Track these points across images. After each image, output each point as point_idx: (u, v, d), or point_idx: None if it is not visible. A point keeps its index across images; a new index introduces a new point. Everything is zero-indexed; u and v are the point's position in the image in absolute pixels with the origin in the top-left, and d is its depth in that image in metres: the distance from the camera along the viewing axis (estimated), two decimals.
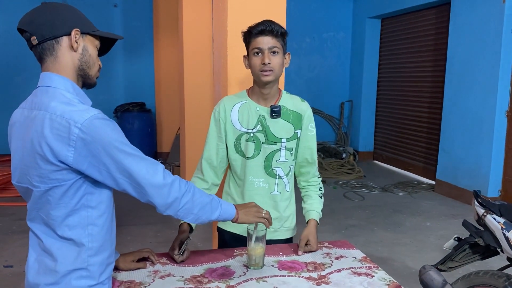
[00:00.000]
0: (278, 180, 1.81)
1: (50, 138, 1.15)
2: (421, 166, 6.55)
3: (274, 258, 1.67)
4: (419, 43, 6.51)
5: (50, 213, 1.21)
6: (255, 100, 1.77)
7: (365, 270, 1.59)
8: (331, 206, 5.08)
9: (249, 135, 1.76)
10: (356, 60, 7.84)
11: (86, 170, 1.18)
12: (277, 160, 1.79)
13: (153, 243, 3.86)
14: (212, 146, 1.81)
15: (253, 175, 1.79)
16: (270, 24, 1.66)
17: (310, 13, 7.64)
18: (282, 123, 1.77)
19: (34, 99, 1.25)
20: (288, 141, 1.78)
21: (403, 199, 5.48)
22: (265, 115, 1.75)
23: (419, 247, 3.94)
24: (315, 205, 1.86)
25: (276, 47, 1.67)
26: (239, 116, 1.76)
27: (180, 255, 1.61)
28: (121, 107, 6.91)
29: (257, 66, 1.68)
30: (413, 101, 6.68)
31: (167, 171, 1.27)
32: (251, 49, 1.69)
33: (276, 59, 1.67)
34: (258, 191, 1.80)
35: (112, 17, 7.04)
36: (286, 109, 1.78)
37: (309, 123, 1.82)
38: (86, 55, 1.28)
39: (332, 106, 8.10)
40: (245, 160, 1.78)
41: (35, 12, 1.24)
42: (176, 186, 1.26)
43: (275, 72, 1.68)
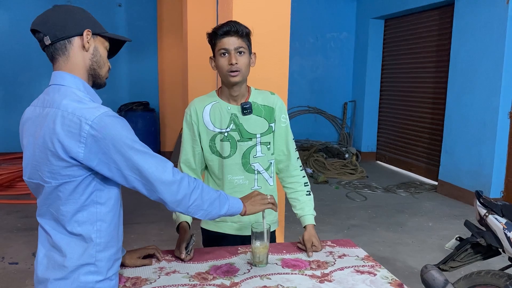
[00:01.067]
0: (258, 175, 1.82)
1: (61, 134, 1.18)
2: (423, 166, 6.56)
3: (278, 256, 1.70)
4: (422, 44, 6.51)
5: (60, 208, 1.24)
6: (225, 100, 1.78)
7: (367, 268, 1.61)
8: (334, 206, 5.09)
9: (223, 135, 1.76)
10: (359, 60, 7.85)
11: (96, 166, 1.21)
12: (254, 156, 1.79)
13: (157, 241, 3.88)
14: (188, 150, 1.81)
15: (232, 174, 1.79)
16: (235, 24, 1.68)
17: (313, 13, 7.66)
18: (255, 119, 1.78)
19: (46, 97, 1.28)
20: (263, 135, 1.79)
21: (406, 199, 5.49)
22: (237, 113, 1.76)
23: (421, 247, 3.96)
24: (307, 209, 1.84)
25: (242, 47, 1.68)
26: (211, 116, 1.77)
27: (188, 254, 1.63)
28: (125, 106, 6.95)
29: (224, 67, 1.69)
30: (416, 102, 6.69)
31: (176, 169, 1.30)
32: (217, 50, 1.70)
33: (242, 59, 1.68)
34: (238, 188, 1.79)
35: (116, 16, 7.08)
36: (257, 105, 1.79)
37: (281, 114, 1.82)
38: (97, 55, 1.31)
39: (335, 106, 8.12)
40: (222, 160, 1.79)
41: (48, 14, 1.28)
42: (185, 183, 1.29)
43: (242, 72, 1.69)
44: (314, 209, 1.87)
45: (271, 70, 2.45)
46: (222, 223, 1.85)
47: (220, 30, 1.68)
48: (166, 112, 7.36)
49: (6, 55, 6.67)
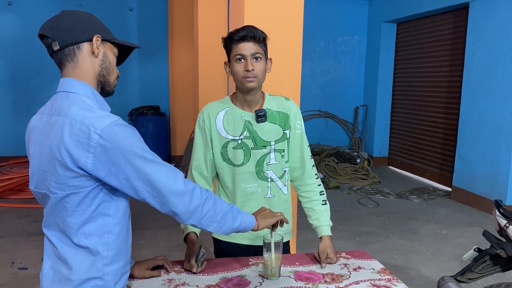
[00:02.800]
0: (271, 183, 1.77)
1: (69, 144, 1.14)
2: (437, 172, 6.46)
3: (290, 268, 1.64)
4: (435, 48, 6.42)
5: (67, 220, 1.20)
6: (239, 106, 1.73)
7: (384, 282, 1.55)
8: (345, 212, 5.02)
9: (236, 142, 1.72)
10: (371, 64, 7.77)
11: (105, 177, 1.17)
12: (267, 163, 1.75)
13: (166, 247, 3.85)
14: (200, 156, 1.77)
15: (245, 182, 1.74)
16: (252, 29, 1.63)
17: (325, 17, 7.60)
18: (270, 126, 1.73)
19: (53, 104, 1.24)
20: (277, 142, 1.75)
21: (419, 205, 5.40)
22: (251, 120, 1.72)
23: (435, 255, 3.87)
24: (323, 219, 1.78)
25: (258, 53, 1.64)
26: (224, 123, 1.72)
27: (199, 266, 1.59)
28: (136, 111, 6.94)
29: (240, 73, 1.64)
30: (429, 106, 6.59)
31: (187, 179, 1.26)
32: (233, 56, 1.65)
33: (259, 65, 1.64)
34: (251, 196, 1.75)
35: (127, 21, 7.09)
36: (272, 111, 1.74)
37: (296, 120, 1.78)
38: (106, 61, 1.29)
39: (346, 110, 8.04)
40: (234, 168, 1.74)
41: (56, 19, 1.25)
42: (197, 193, 1.25)
43: (258, 78, 1.65)
44: None
45: (284, 75, 2.40)
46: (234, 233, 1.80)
47: (236, 35, 1.64)
48: (176, 116, 7.35)
49: (18, 59, 6.71)
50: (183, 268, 1.62)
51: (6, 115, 6.76)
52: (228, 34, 1.67)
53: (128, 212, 1.31)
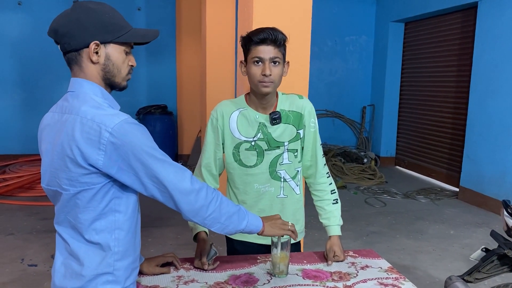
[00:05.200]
0: (284, 183, 1.76)
1: (80, 141, 1.17)
2: (444, 172, 6.43)
3: (298, 267, 1.66)
4: (443, 48, 6.39)
5: (78, 216, 1.23)
6: (253, 107, 1.71)
7: (391, 281, 1.56)
8: (352, 212, 5.02)
9: (249, 144, 1.70)
10: (379, 64, 7.75)
11: (116, 174, 1.19)
12: (280, 163, 1.73)
13: (174, 245, 3.87)
14: (210, 154, 1.75)
15: (258, 182, 1.74)
16: (273, 32, 1.58)
17: (332, 16, 7.59)
18: (283, 127, 1.71)
19: (64, 103, 1.27)
20: (291, 142, 1.73)
21: (426, 206, 5.38)
22: (265, 122, 1.69)
23: (442, 255, 3.86)
24: (333, 219, 1.79)
25: (277, 58, 1.59)
26: (238, 124, 1.70)
27: (210, 264, 1.61)
28: (144, 110, 6.98)
29: (256, 76, 1.60)
30: (437, 106, 6.57)
31: (194, 178, 1.27)
32: (251, 57, 1.60)
33: (276, 70, 1.60)
34: (264, 196, 1.75)
35: (135, 20, 7.13)
36: (285, 112, 1.72)
37: (310, 119, 1.75)
38: (108, 65, 1.27)
39: (353, 110, 8.03)
40: (245, 169, 1.73)
41: (58, 21, 1.25)
42: (203, 193, 1.26)
43: (275, 83, 1.61)
44: None
45: (292, 74, 2.40)
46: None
47: (256, 36, 1.58)
48: (183, 115, 7.38)
49: (27, 58, 6.77)
50: (194, 265, 1.63)
51: (16, 114, 6.83)
52: (247, 34, 1.62)
53: (138, 208, 1.33)
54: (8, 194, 5.28)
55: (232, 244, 1.88)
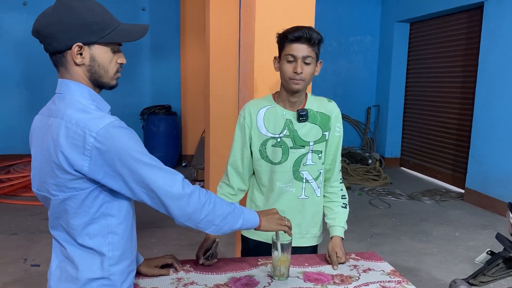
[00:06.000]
0: (306, 184, 1.77)
1: (65, 147, 1.13)
2: (449, 173, 6.38)
3: (299, 269, 1.63)
4: (449, 48, 6.35)
5: (70, 222, 1.20)
6: (281, 105, 1.73)
7: (394, 284, 1.53)
8: (356, 214, 4.99)
9: (275, 140, 1.72)
10: (384, 64, 7.71)
11: (102, 179, 1.16)
12: (304, 163, 1.74)
13: (176, 246, 3.86)
14: (237, 152, 1.78)
15: (281, 181, 1.75)
16: (308, 31, 1.60)
17: (337, 16, 7.56)
18: (310, 126, 1.72)
19: (51, 106, 1.24)
20: (316, 143, 1.74)
21: (431, 207, 5.34)
22: (292, 119, 1.71)
23: (447, 257, 3.82)
24: (338, 220, 1.79)
25: (310, 57, 1.62)
26: (265, 120, 1.73)
27: (207, 259, 1.61)
28: (148, 110, 6.98)
29: (288, 73, 1.64)
30: (442, 107, 6.52)
31: (186, 182, 1.23)
32: (284, 54, 1.64)
33: (308, 69, 1.63)
34: (285, 196, 1.76)
35: (140, 20, 7.13)
36: (313, 112, 1.73)
37: (336, 123, 1.77)
38: (94, 66, 1.22)
39: (358, 111, 7.99)
40: (272, 166, 1.74)
41: (42, 19, 1.20)
42: (196, 197, 1.22)
43: (305, 81, 1.64)
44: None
45: None
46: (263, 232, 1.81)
47: (291, 34, 1.61)
48: (188, 115, 7.37)
49: (32, 58, 6.79)
50: (192, 265, 1.63)
51: (20, 114, 6.84)
52: (283, 32, 1.65)
53: (132, 211, 1.30)
54: (12, 194, 5.29)
55: (247, 243, 1.88)
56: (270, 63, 2.28)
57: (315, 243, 1.86)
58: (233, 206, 1.34)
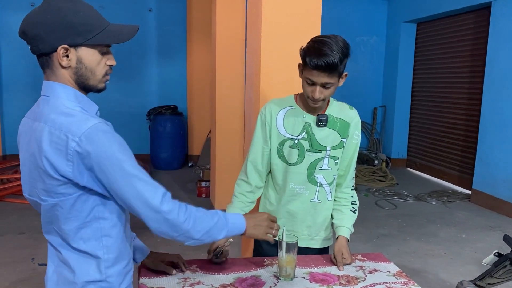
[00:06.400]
0: (319, 188, 1.77)
1: (49, 152, 1.11)
2: (456, 175, 6.35)
3: (305, 270, 1.64)
4: (456, 48, 6.32)
5: (62, 227, 1.18)
6: (302, 107, 1.74)
7: (400, 285, 1.53)
8: (362, 214, 4.94)
9: (293, 142, 1.73)
10: (390, 65, 7.69)
11: (87, 184, 1.14)
12: (320, 168, 1.75)
13: (182, 246, 3.85)
14: (258, 149, 1.79)
15: (294, 182, 1.76)
16: (329, 60, 1.51)
17: (343, 16, 7.54)
18: (328, 132, 1.73)
19: (36, 109, 1.21)
20: (333, 149, 1.74)
21: (437, 208, 5.32)
22: (311, 123, 1.72)
23: (454, 259, 3.81)
24: (345, 221, 1.79)
25: (330, 83, 1.57)
26: (284, 121, 1.74)
27: (217, 257, 1.63)
28: (154, 110, 7.01)
29: (307, 93, 1.62)
30: (450, 108, 6.49)
31: (167, 197, 1.19)
32: (305, 76, 1.60)
33: (328, 91, 1.60)
34: (298, 197, 1.77)
35: (146, 21, 7.17)
36: (333, 117, 1.73)
37: (355, 131, 1.77)
38: (81, 68, 1.18)
39: (364, 111, 7.96)
40: (287, 166, 1.75)
41: (28, 20, 1.16)
42: (174, 215, 1.18)
43: (325, 101, 1.65)
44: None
45: None
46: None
47: (312, 60, 1.53)
48: (194, 116, 7.39)
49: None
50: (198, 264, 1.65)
51: None
52: (305, 53, 1.57)
53: (124, 213, 1.28)
54: (20, 193, 5.33)
55: (259, 242, 1.89)
56: (276, 64, 2.29)
57: (324, 245, 1.87)
58: (217, 218, 1.30)
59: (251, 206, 1.83)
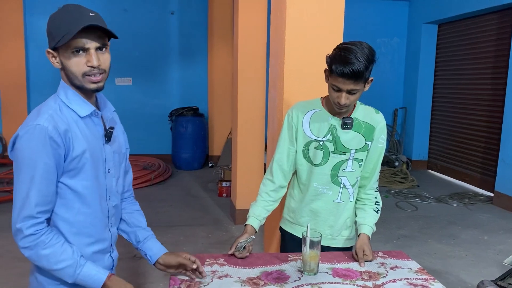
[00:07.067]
0: (343, 189, 1.83)
1: None
2: (478, 177, 6.29)
3: (329, 265, 1.69)
4: (479, 50, 6.26)
5: None
6: (328, 110, 1.79)
7: (421, 281, 1.57)
8: (383, 216, 4.92)
9: (318, 143, 1.78)
10: (411, 66, 7.65)
11: None
12: (344, 169, 1.80)
13: (205, 244, 3.96)
14: (284, 149, 1.85)
15: (318, 182, 1.82)
16: (353, 66, 1.55)
17: (364, 18, 7.55)
18: (353, 134, 1.78)
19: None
20: (358, 152, 1.79)
21: (459, 210, 5.29)
22: (336, 125, 1.77)
23: (475, 261, 3.79)
24: (368, 219, 1.84)
25: (355, 90, 1.62)
26: (310, 123, 1.80)
27: (239, 252, 1.70)
28: (176, 111, 7.14)
29: (333, 98, 1.67)
30: (472, 109, 6.43)
31: (33, 222, 1.26)
32: (330, 83, 1.65)
33: (353, 97, 1.65)
34: (321, 197, 1.83)
35: (169, 24, 7.31)
36: (359, 121, 1.78)
37: (380, 135, 1.81)
38: (66, 69, 1.30)
39: (385, 112, 7.87)
40: (311, 167, 1.81)
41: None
42: (26, 236, 1.26)
43: (350, 106, 1.69)
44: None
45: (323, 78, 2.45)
46: (298, 226, 1.90)
47: (338, 68, 1.58)
48: (214, 117, 7.50)
49: None
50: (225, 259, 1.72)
51: None
52: (331, 60, 1.62)
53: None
54: None
55: (285, 234, 1.97)
56: (299, 67, 2.35)
57: (346, 245, 1.92)
58: (73, 271, 1.30)
59: (274, 205, 1.90)
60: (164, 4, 7.26)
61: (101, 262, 1.43)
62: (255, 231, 1.81)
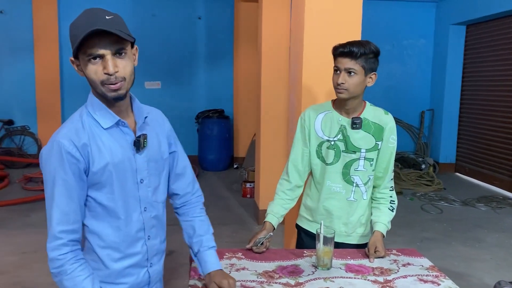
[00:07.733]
0: (355, 187, 1.91)
1: None
2: (508, 180, 6.17)
3: (342, 261, 1.76)
4: (508, 51, 6.15)
5: None
6: (338, 111, 1.89)
7: (431, 278, 1.62)
8: (407, 218, 4.97)
9: (330, 143, 1.88)
10: (438, 68, 7.57)
11: None
12: (356, 169, 1.88)
13: (229, 243, 4.05)
14: (298, 150, 1.96)
15: (331, 180, 1.91)
16: (351, 46, 1.74)
17: (390, 19, 7.52)
18: (363, 134, 1.86)
19: None
20: (368, 151, 1.87)
21: (486, 214, 5.21)
22: (346, 125, 1.86)
23: (500, 264, 3.75)
24: (382, 217, 1.90)
25: (352, 69, 1.76)
26: (322, 125, 1.90)
27: (257, 247, 1.78)
28: (202, 114, 7.31)
29: (333, 83, 1.81)
30: (501, 111, 6.32)
31: (60, 243, 1.24)
32: (333, 68, 1.83)
33: (351, 80, 1.76)
34: (335, 196, 1.92)
35: (196, 29, 7.48)
36: (368, 121, 1.86)
37: (390, 135, 1.88)
38: (87, 78, 1.25)
39: (411, 115, 7.87)
40: (324, 166, 1.91)
41: None
42: (50, 258, 1.25)
43: (349, 91, 1.78)
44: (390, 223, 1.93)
45: None
46: (314, 223, 1.98)
47: (336, 49, 1.80)
48: (239, 119, 7.62)
49: None
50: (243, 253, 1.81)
51: None
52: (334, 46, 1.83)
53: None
54: None
55: (301, 231, 2.06)
56: (318, 71, 2.43)
57: (361, 241, 1.98)
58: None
59: (291, 204, 1.99)
60: (192, 9, 7.44)
61: (134, 278, 1.39)
62: (273, 228, 1.90)
